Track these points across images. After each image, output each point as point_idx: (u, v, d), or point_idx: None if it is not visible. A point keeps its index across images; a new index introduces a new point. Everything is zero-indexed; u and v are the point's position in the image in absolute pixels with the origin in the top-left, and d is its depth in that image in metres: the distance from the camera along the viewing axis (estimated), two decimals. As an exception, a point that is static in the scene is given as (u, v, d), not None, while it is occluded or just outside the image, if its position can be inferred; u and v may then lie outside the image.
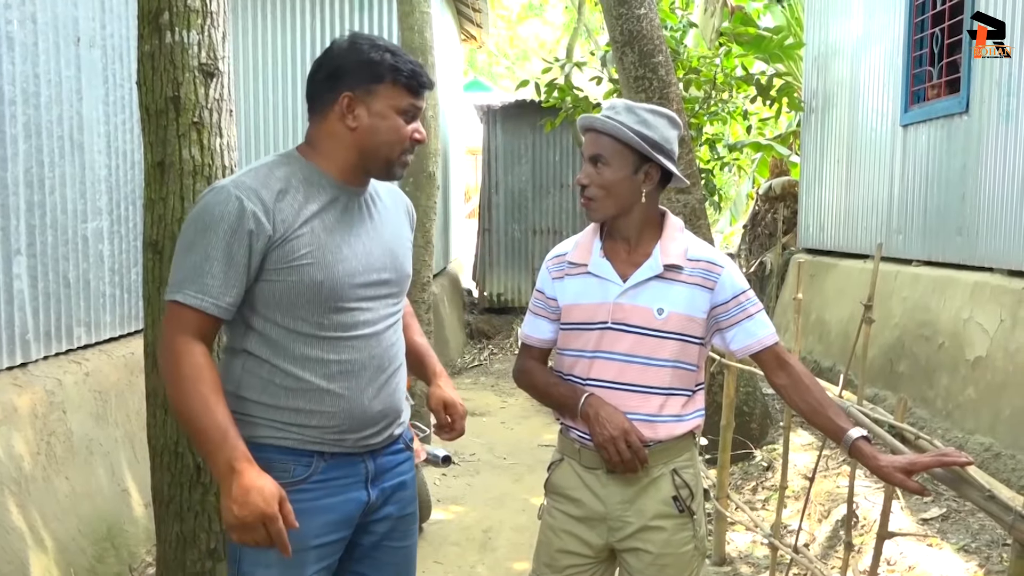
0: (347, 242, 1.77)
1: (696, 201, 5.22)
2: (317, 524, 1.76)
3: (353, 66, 1.75)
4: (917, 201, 5.85)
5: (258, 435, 1.75)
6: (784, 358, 1.95)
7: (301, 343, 1.74)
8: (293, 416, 1.76)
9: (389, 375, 1.85)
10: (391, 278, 1.86)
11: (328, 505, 1.78)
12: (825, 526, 4.05)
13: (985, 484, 1.66)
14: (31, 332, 3.40)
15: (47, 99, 3.50)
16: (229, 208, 1.67)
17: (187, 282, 1.66)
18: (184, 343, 1.66)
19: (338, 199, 1.79)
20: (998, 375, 4.43)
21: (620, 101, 1.98)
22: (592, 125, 1.95)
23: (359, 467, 1.83)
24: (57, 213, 3.59)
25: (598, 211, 1.96)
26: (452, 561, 3.98)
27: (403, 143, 1.79)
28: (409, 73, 1.76)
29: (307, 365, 1.75)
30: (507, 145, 10.94)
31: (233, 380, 1.78)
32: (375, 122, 1.76)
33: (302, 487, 1.75)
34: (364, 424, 1.81)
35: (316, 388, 1.75)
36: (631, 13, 5.00)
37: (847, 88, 7.18)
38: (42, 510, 3.13)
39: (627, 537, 1.97)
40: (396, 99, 1.76)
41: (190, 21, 2.38)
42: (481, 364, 9.23)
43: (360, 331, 1.79)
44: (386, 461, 1.89)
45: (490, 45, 19.47)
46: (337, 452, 1.78)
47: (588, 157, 1.95)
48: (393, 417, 1.88)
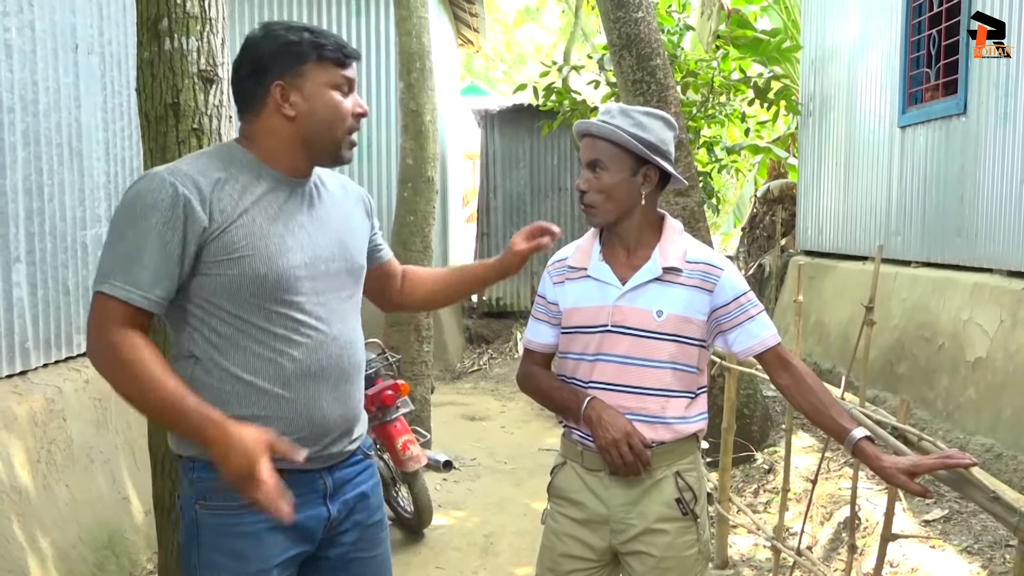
0: (291, 232, 1.68)
1: (695, 204, 5.22)
2: (278, 542, 1.68)
3: (274, 53, 1.67)
4: (916, 202, 5.85)
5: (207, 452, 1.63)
6: (787, 358, 1.95)
7: (250, 342, 1.64)
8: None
9: (348, 379, 1.75)
10: (342, 268, 1.76)
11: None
12: (827, 528, 4.04)
13: (989, 485, 1.65)
14: (31, 340, 3.39)
15: (45, 106, 3.50)
16: (162, 195, 1.57)
17: (115, 273, 1.56)
18: (115, 332, 1.55)
19: (279, 188, 1.70)
20: (998, 375, 4.43)
21: (615, 105, 1.98)
22: (588, 130, 1.94)
23: (317, 483, 1.73)
24: (56, 220, 3.59)
25: (599, 216, 1.96)
26: (453, 566, 3.97)
27: (345, 120, 1.71)
28: (333, 46, 1.68)
29: (259, 368, 1.64)
30: (505, 149, 10.95)
31: None
32: (312, 104, 1.68)
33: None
34: (323, 433, 1.71)
35: (269, 393, 1.65)
36: (628, 17, 5.00)
37: (844, 90, 7.19)
38: (42, 518, 3.12)
39: (630, 540, 1.96)
40: (327, 75, 1.68)
41: (189, 27, 2.38)
42: (481, 369, 9.22)
43: (313, 327, 1.68)
44: (345, 474, 1.79)
45: (487, 50, 19.51)
46: (294, 469, 1.66)
47: (586, 163, 1.95)
48: (351, 425, 1.78)
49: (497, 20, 21.26)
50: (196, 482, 1.68)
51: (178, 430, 1.59)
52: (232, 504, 1.64)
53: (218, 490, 1.64)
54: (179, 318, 1.67)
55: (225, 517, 1.66)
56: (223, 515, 1.66)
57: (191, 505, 1.69)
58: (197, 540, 1.68)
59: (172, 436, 1.74)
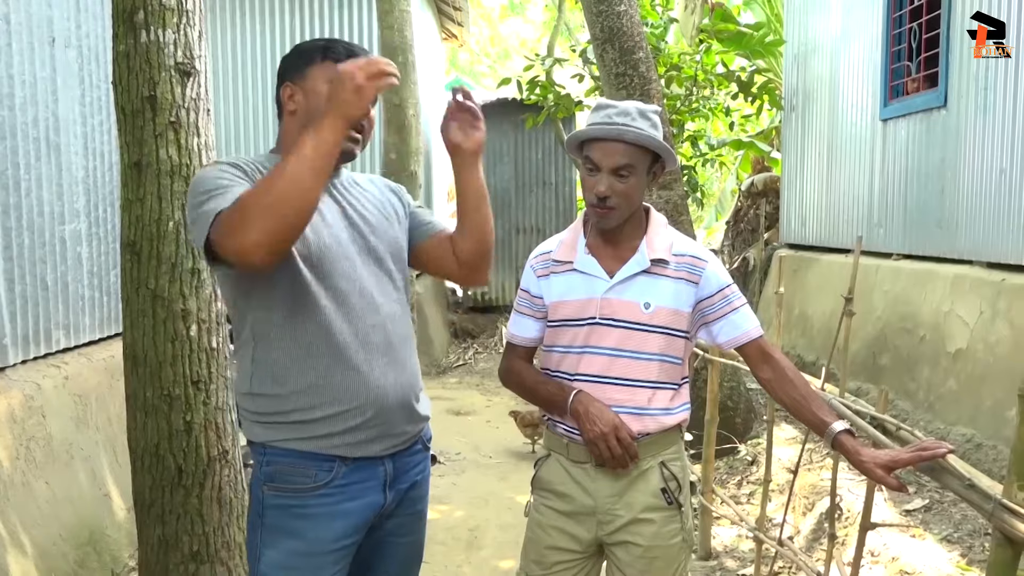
0: (322, 216, 1.75)
1: (678, 197, 5.24)
2: (336, 528, 1.75)
3: (291, 61, 1.80)
4: (897, 195, 5.89)
5: (280, 438, 1.74)
6: (769, 352, 1.96)
7: (301, 317, 1.71)
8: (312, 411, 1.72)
9: (394, 348, 1.80)
10: (369, 248, 1.81)
11: (347, 509, 1.76)
12: (809, 519, 4.07)
13: (965, 473, 1.66)
14: (8, 336, 3.36)
15: (22, 100, 3.46)
16: (223, 167, 1.68)
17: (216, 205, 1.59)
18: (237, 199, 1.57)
19: None
20: (979, 367, 4.47)
21: (630, 105, 1.93)
22: (622, 137, 1.89)
23: (379, 470, 1.80)
24: (34, 215, 3.55)
25: (615, 219, 1.95)
26: (438, 560, 3.97)
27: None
28: (340, 50, 1.76)
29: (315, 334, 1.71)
30: (489, 144, 10.86)
31: (245, 377, 1.76)
32: (310, 99, 1.75)
33: (322, 491, 1.74)
34: (381, 398, 1.75)
35: (327, 365, 1.71)
36: (611, 10, 5.00)
37: (827, 84, 7.22)
38: (22, 515, 3.09)
39: (616, 530, 1.97)
40: (328, 72, 1.71)
41: (166, 20, 2.37)
42: (466, 363, 9.21)
43: (350, 303, 1.74)
44: (406, 462, 1.86)
45: (471, 44, 19.45)
46: (359, 456, 1.76)
47: (610, 169, 1.90)
48: (408, 394, 1.82)
49: (481, 14, 21.21)
50: (265, 465, 1.76)
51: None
52: (298, 486, 1.73)
53: (286, 473, 1.73)
54: (233, 308, 1.77)
55: (288, 498, 1.74)
56: (288, 496, 1.74)
57: (259, 486, 1.76)
58: (262, 520, 1.75)
59: (248, 427, 1.80)
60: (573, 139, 1.98)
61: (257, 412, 1.76)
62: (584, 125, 2.01)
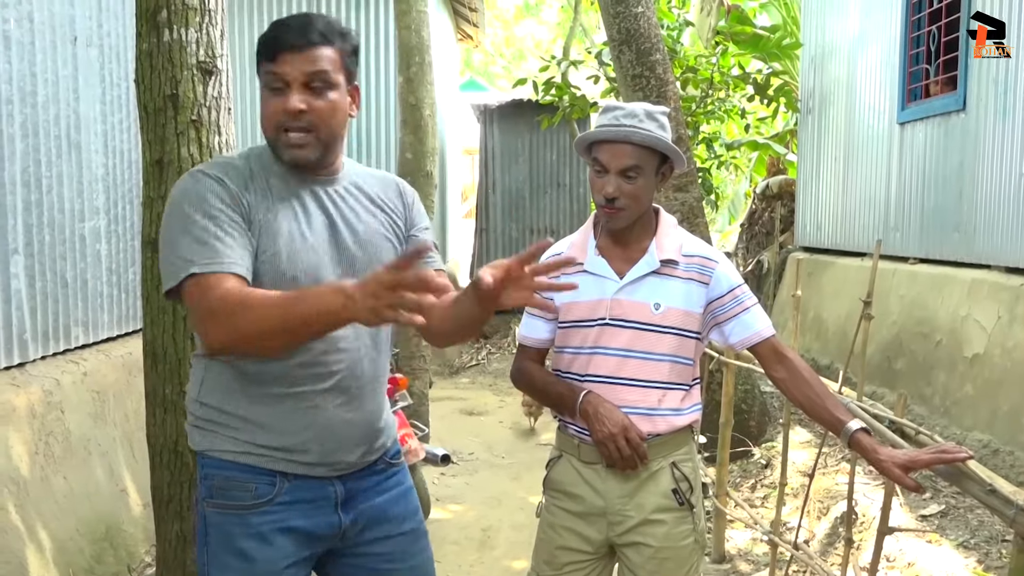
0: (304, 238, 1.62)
1: (694, 200, 5.22)
2: (286, 547, 1.63)
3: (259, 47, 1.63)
4: (914, 199, 5.85)
5: (217, 448, 1.64)
6: (782, 351, 1.96)
7: None
8: (254, 433, 1.62)
9: (361, 388, 1.68)
10: (361, 272, 1.64)
11: (296, 527, 1.64)
12: (824, 523, 4.05)
13: (986, 478, 1.66)
14: (28, 332, 3.39)
15: (44, 98, 3.49)
16: (209, 183, 1.56)
17: (196, 257, 1.48)
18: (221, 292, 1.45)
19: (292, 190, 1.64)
20: (996, 372, 4.44)
21: (638, 107, 1.93)
22: (629, 139, 1.89)
23: (327, 489, 1.67)
24: (55, 212, 3.58)
25: (624, 220, 1.95)
26: (451, 560, 3.98)
27: (270, 120, 1.59)
28: (265, 40, 1.58)
29: (269, 366, 1.59)
30: (504, 145, 10.93)
31: (196, 383, 1.68)
32: (261, 105, 1.62)
33: (265, 509, 1.62)
34: (328, 438, 1.64)
35: (277, 395, 1.61)
36: (628, 11, 5.00)
37: (844, 86, 7.19)
38: (40, 510, 3.12)
39: (627, 531, 1.97)
40: (263, 72, 1.59)
41: (188, 19, 2.38)
42: (479, 364, 9.22)
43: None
44: (361, 484, 1.72)
45: (486, 45, 19.47)
46: (301, 475, 1.63)
47: (618, 170, 1.90)
48: (365, 434, 1.70)
49: (497, 16, 21.23)
50: (204, 479, 1.66)
51: (317, 315, 1.36)
52: (236, 504, 1.62)
53: (225, 488, 1.62)
54: None
55: (230, 516, 1.63)
56: (229, 514, 1.63)
57: (201, 502, 1.66)
58: (206, 538, 1.65)
59: (190, 431, 1.70)
60: (582, 141, 1.99)
61: (199, 417, 1.66)
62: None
